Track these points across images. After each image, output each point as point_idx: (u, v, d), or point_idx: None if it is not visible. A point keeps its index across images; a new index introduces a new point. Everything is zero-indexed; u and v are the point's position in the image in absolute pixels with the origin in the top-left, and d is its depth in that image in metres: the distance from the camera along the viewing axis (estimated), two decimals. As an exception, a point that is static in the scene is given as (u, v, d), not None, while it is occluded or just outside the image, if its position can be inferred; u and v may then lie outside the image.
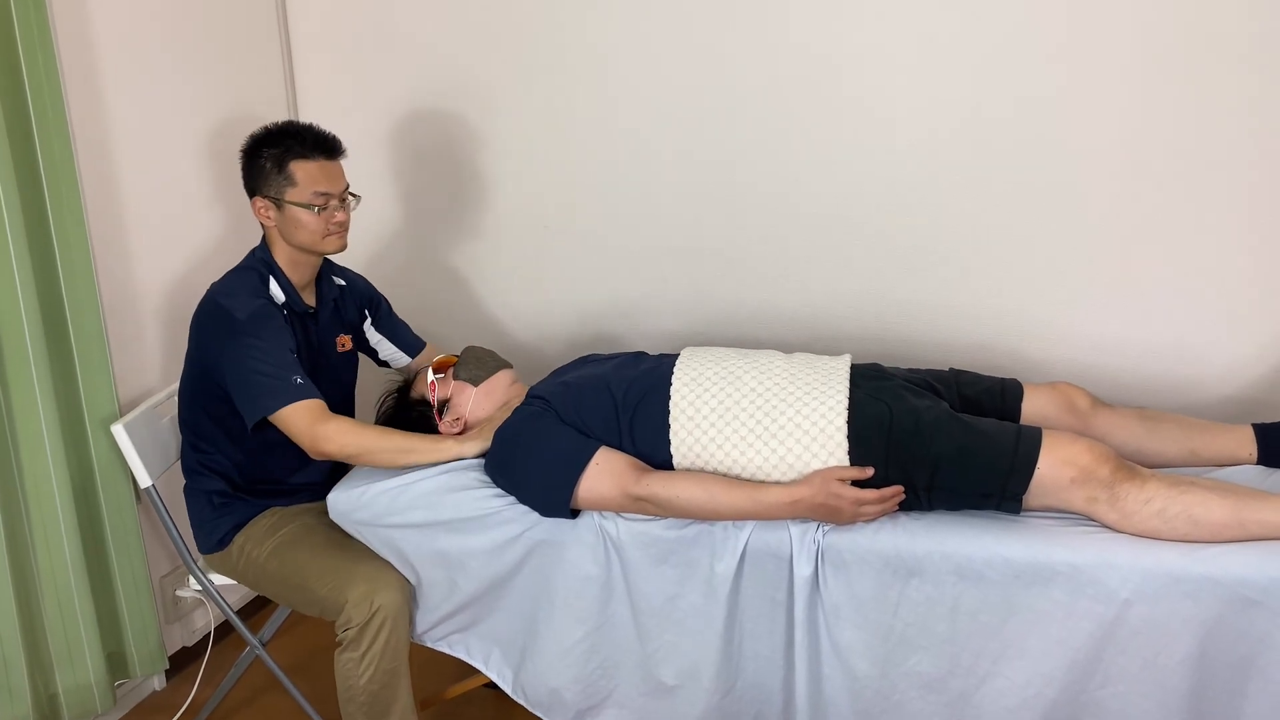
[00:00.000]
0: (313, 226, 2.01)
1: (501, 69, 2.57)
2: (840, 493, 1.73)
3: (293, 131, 2.02)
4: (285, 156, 1.99)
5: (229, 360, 1.93)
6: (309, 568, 1.97)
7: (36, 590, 2.05)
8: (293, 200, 1.99)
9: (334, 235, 2.04)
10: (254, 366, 1.91)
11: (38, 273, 1.98)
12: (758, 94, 2.40)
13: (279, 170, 1.99)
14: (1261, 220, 2.16)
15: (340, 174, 2.05)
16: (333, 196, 2.02)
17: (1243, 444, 1.92)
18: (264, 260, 2.06)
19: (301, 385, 1.91)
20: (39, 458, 2.00)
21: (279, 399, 1.90)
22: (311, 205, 1.99)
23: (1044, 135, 2.24)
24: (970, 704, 1.75)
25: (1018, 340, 2.37)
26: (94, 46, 2.16)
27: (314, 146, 2.01)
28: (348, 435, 1.91)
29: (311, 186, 1.99)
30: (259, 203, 2.03)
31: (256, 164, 2.02)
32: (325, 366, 2.14)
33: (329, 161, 2.03)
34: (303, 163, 1.99)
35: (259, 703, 2.39)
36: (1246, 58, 2.09)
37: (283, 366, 1.92)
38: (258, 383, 1.90)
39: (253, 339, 1.92)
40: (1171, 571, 1.62)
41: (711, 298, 2.57)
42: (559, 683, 1.93)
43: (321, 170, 2.01)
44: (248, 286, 2.01)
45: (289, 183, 1.99)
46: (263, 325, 1.94)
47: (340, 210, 2.04)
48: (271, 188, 2.00)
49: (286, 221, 2.01)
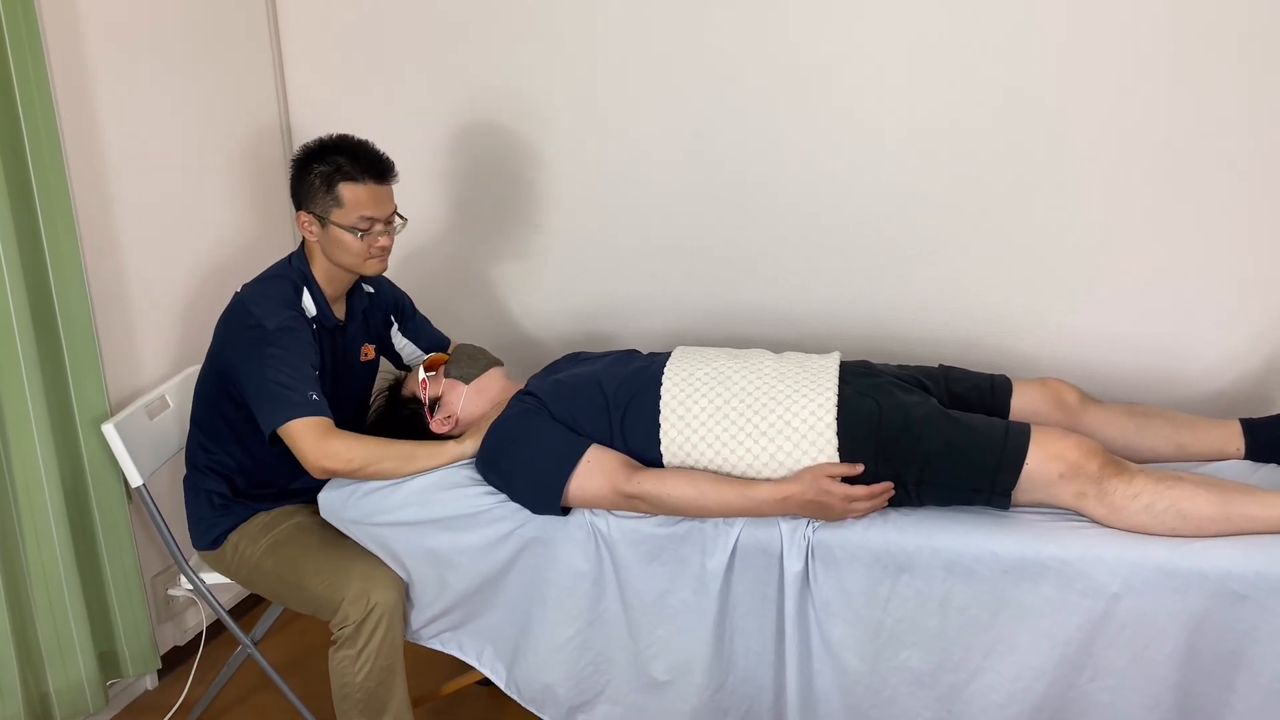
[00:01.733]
0: (355, 249, 1.98)
1: (493, 69, 2.56)
2: (830, 489, 1.74)
3: (345, 149, 1.97)
4: (335, 176, 1.95)
5: (250, 367, 1.91)
6: (304, 566, 1.97)
7: (28, 589, 2.04)
8: (337, 222, 1.96)
9: (375, 259, 2.01)
10: (273, 376, 1.88)
11: (27, 272, 1.97)
12: (749, 94, 2.40)
13: (327, 189, 1.96)
14: (1251, 217, 2.17)
15: (389, 198, 2.01)
16: (378, 221, 1.98)
17: (1230, 439, 1.92)
18: (301, 271, 2.04)
19: (316, 402, 1.88)
20: (29, 458, 2.00)
21: (291, 411, 1.86)
22: (356, 230, 1.96)
23: (1033, 133, 2.24)
24: (960, 698, 1.76)
25: (1007, 336, 2.38)
26: (83, 43, 2.15)
27: (366, 170, 1.96)
28: (354, 450, 1.88)
29: (358, 210, 1.96)
30: (304, 217, 2.00)
31: (306, 179, 1.98)
32: (347, 377, 2.14)
33: (379, 185, 1.98)
34: (352, 185, 1.95)
35: (251, 702, 2.39)
36: (1237, 54, 2.09)
37: (301, 380, 1.89)
38: (275, 393, 1.88)
39: (276, 349, 1.90)
40: (1160, 566, 1.63)
41: (702, 297, 2.58)
42: (552, 678, 1.93)
43: (370, 194, 1.96)
44: (280, 296, 1.99)
45: (335, 203, 1.96)
46: (288, 336, 1.92)
47: (385, 235, 2.00)
48: (318, 205, 1.97)
49: (329, 240, 1.99)
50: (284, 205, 2.72)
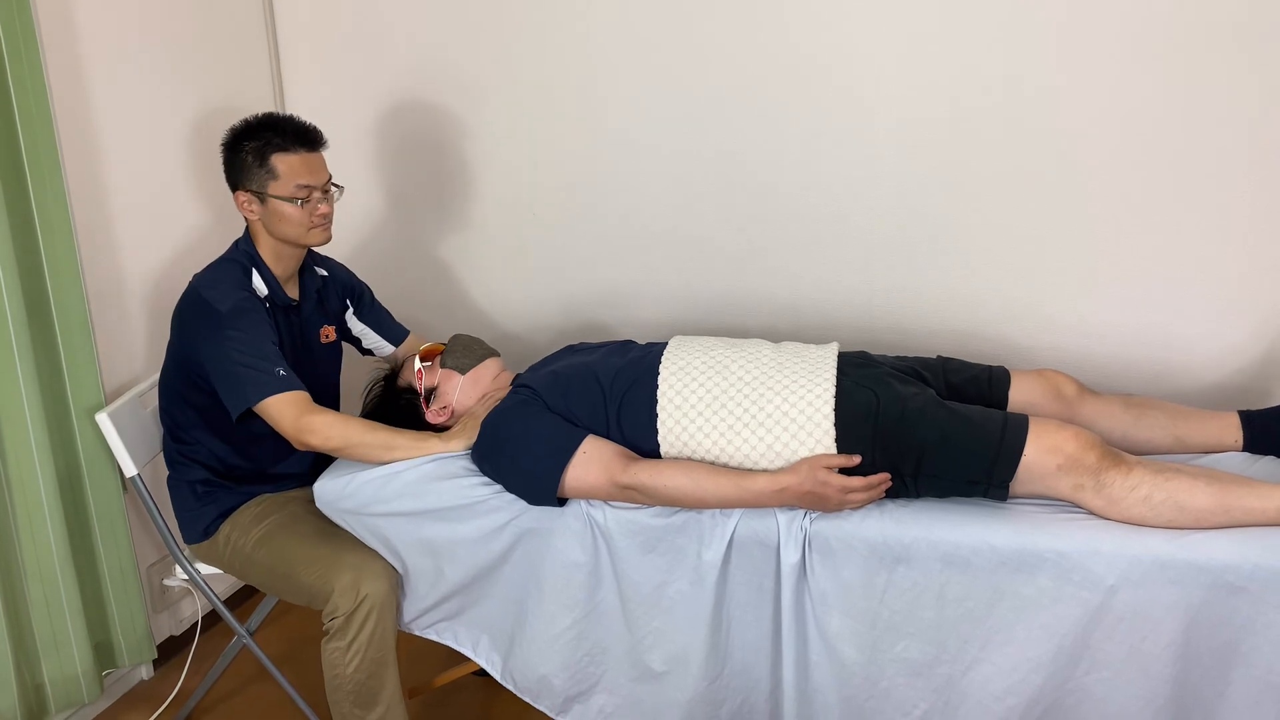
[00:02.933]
0: (296, 219, 1.99)
1: (488, 60, 2.55)
2: (827, 480, 1.73)
3: (272, 124, 1.99)
4: (266, 150, 1.97)
5: (211, 352, 1.92)
6: (295, 556, 1.97)
7: (22, 580, 2.04)
8: (275, 194, 1.98)
9: (318, 228, 2.02)
10: (236, 358, 1.90)
11: (22, 262, 1.96)
12: (746, 84, 2.39)
13: (260, 164, 1.97)
14: (1250, 208, 2.17)
15: (322, 165, 2.04)
16: (315, 189, 2.00)
17: (1228, 431, 1.92)
18: (247, 252, 2.05)
19: (285, 377, 1.91)
20: (23, 447, 1.99)
21: (262, 390, 1.89)
22: (294, 198, 1.98)
23: (1032, 124, 2.23)
24: (957, 690, 1.76)
25: (1005, 327, 2.37)
26: (78, 35, 2.13)
27: (295, 139, 1.99)
28: (333, 428, 1.90)
29: (294, 179, 1.98)
30: (241, 196, 2.01)
31: (238, 158, 2.00)
32: (309, 359, 2.14)
33: (310, 153, 2.01)
34: (284, 155, 1.97)
35: (247, 692, 2.39)
36: (1236, 47, 2.08)
37: (265, 358, 1.92)
38: (240, 374, 1.90)
39: (234, 330, 1.92)
40: (1157, 558, 1.62)
41: (699, 287, 2.57)
42: (547, 669, 1.93)
43: (303, 163, 1.99)
44: (230, 278, 2.00)
45: (271, 176, 1.97)
46: (244, 317, 1.94)
47: (324, 202, 2.02)
48: (253, 181, 1.99)
49: (270, 215, 2.00)
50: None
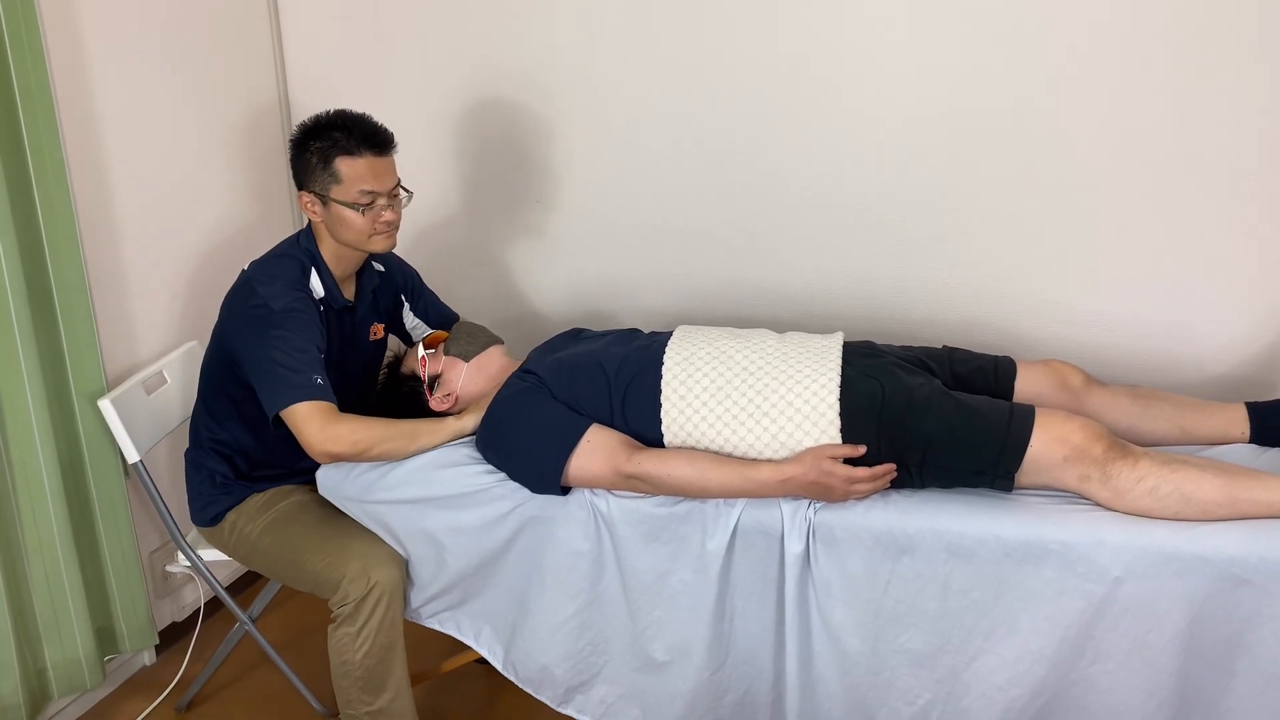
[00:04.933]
0: (359, 226, 1.94)
1: (494, 49, 2.53)
2: (832, 470, 1.73)
3: (341, 124, 1.93)
4: (331, 151, 1.91)
5: (253, 348, 1.88)
6: (303, 544, 1.96)
7: (25, 566, 2.04)
8: (338, 199, 1.92)
9: (381, 235, 1.96)
10: (277, 358, 1.85)
11: (23, 247, 1.95)
12: (752, 74, 2.37)
13: (324, 166, 1.91)
14: (1256, 199, 2.15)
15: (390, 170, 1.96)
16: (380, 195, 1.93)
17: (1235, 422, 1.91)
18: (308, 251, 2.00)
19: (320, 386, 1.85)
20: (26, 433, 1.99)
21: (295, 394, 1.83)
22: (357, 205, 1.92)
23: (1039, 116, 2.22)
24: (960, 681, 1.76)
25: (1011, 318, 2.36)
26: (79, 20, 2.12)
27: (361, 141, 1.91)
28: (359, 432, 1.85)
29: (358, 185, 1.91)
30: (305, 197, 1.96)
31: (304, 158, 1.94)
32: (356, 358, 2.11)
33: (377, 158, 1.93)
34: (349, 159, 1.91)
35: (249, 678, 2.39)
36: (1242, 37, 2.07)
37: (305, 363, 1.85)
38: (279, 375, 1.85)
39: (281, 330, 1.87)
40: (1163, 550, 1.62)
41: (705, 276, 2.56)
42: (549, 659, 1.93)
43: (369, 167, 1.92)
44: (287, 276, 1.95)
45: (334, 179, 1.91)
46: (294, 318, 1.89)
47: (389, 209, 1.95)
48: (317, 183, 1.93)
49: (333, 218, 1.95)
50: (283, 183, 2.71)
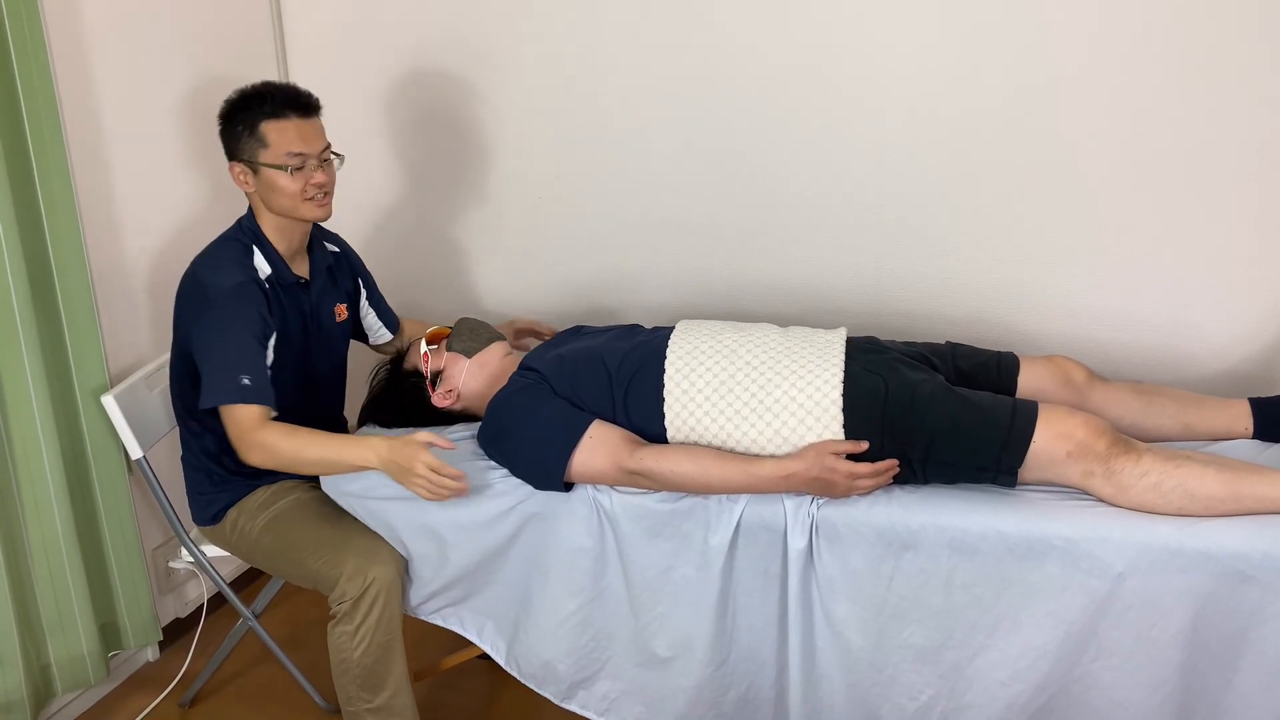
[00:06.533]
0: (290, 189, 1.92)
1: (497, 43, 2.53)
2: (835, 466, 1.73)
3: (266, 92, 1.92)
4: (257, 118, 1.91)
5: (196, 338, 1.90)
6: (303, 541, 1.96)
7: (28, 562, 2.04)
8: (267, 162, 1.91)
9: (313, 200, 1.94)
10: (217, 347, 1.86)
11: (26, 243, 1.95)
12: (757, 71, 2.37)
13: (251, 133, 1.91)
14: (1260, 195, 2.15)
15: (318, 133, 1.96)
16: (310, 157, 1.92)
17: (1239, 418, 1.91)
18: (250, 230, 1.99)
19: (247, 387, 1.84)
20: (29, 429, 1.99)
21: (224, 395, 1.84)
22: (285, 166, 1.90)
23: (1042, 112, 2.21)
24: (963, 676, 1.76)
25: (1014, 314, 2.36)
26: (82, 17, 2.12)
27: (286, 104, 1.91)
28: (280, 443, 1.84)
29: (285, 147, 1.90)
30: (236, 168, 1.95)
31: (233, 129, 1.94)
32: (320, 337, 2.10)
33: (304, 120, 1.93)
34: (275, 122, 1.90)
35: (252, 674, 2.39)
36: (1246, 33, 2.06)
37: (241, 358, 1.85)
38: (215, 368, 1.86)
39: (221, 318, 1.87)
40: (1166, 546, 1.62)
41: (707, 270, 2.56)
42: (552, 655, 1.93)
43: (296, 129, 1.91)
44: (231, 259, 1.94)
45: (261, 144, 1.91)
46: (236, 305, 1.88)
47: (319, 171, 1.94)
48: (246, 151, 1.92)
49: (264, 186, 1.93)
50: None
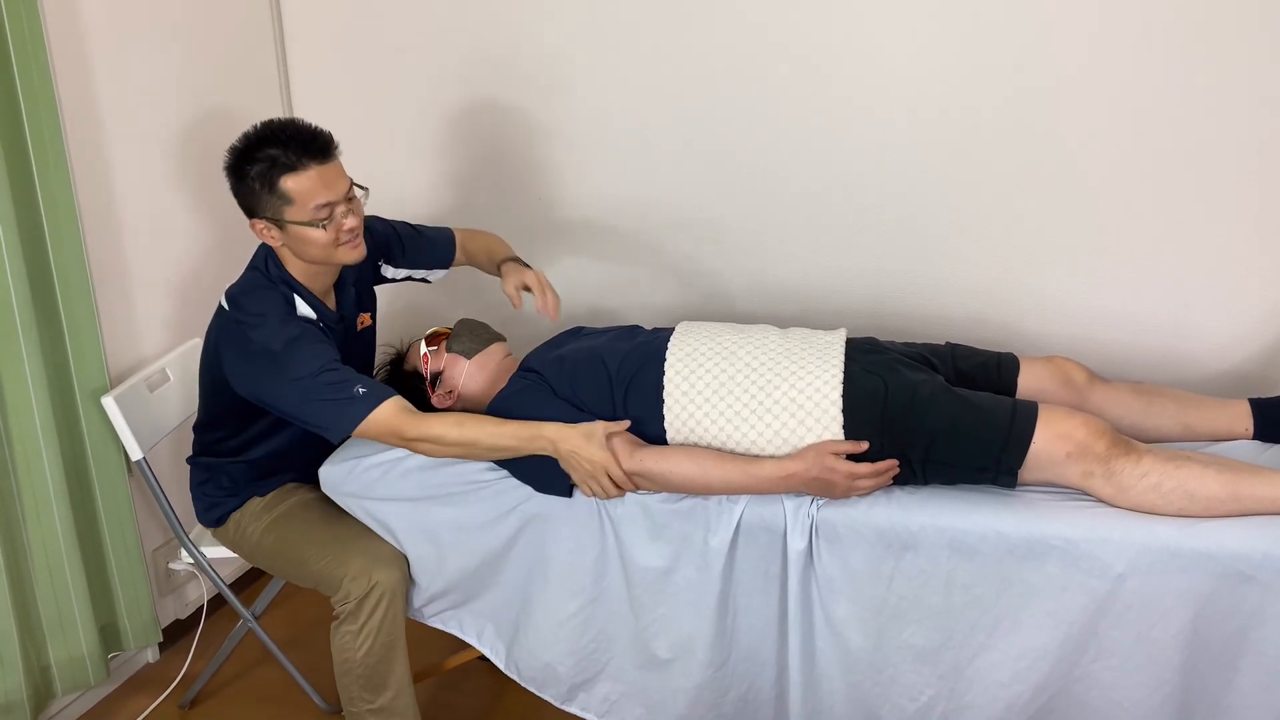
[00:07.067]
0: (323, 241, 1.82)
1: (494, 48, 2.53)
2: (834, 466, 1.73)
3: (274, 138, 1.79)
4: (273, 173, 1.78)
5: (279, 395, 1.80)
6: (306, 542, 1.96)
7: (28, 563, 2.04)
8: (294, 220, 1.79)
9: (347, 244, 1.84)
10: (312, 395, 1.77)
11: (26, 244, 1.95)
12: (755, 71, 2.37)
13: (271, 190, 1.78)
14: (1260, 196, 2.15)
15: (338, 175, 1.83)
16: (337, 204, 1.81)
17: (1239, 419, 1.91)
18: (282, 279, 1.89)
19: (363, 396, 1.77)
20: (29, 430, 1.99)
21: (350, 420, 1.77)
22: (316, 222, 1.80)
23: (1042, 113, 2.21)
24: (963, 677, 1.76)
25: (1014, 314, 2.36)
26: (81, 16, 2.12)
27: (302, 151, 1.78)
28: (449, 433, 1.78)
29: (311, 200, 1.78)
30: (259, 225, 1.84)
31: (245, 185, 1.81)
32: (353, 352, 2.05)
33: (323, 165, 1.80)
34: (295, 176, 1.77)
35: (252, 675, 2.39)
36: (1244, 37, 2.06)
37: (337, 382, 1.78)
38: (325, 408, 1.78)
39: (297, 366, 1.78)
40: (1166, 546, 1.62)
41: (707, 271, 2.56)
42: (552, 657, 1.93)
43: (319, 178, 1.79)
44: (275, 310, 1.85)
45: (285, 202, 1.79)
46: (301, 349, 1.80)
47: (349, 215, 1.83)
48: (268, 209, 1.80)
49: (293, 240, 1.83)
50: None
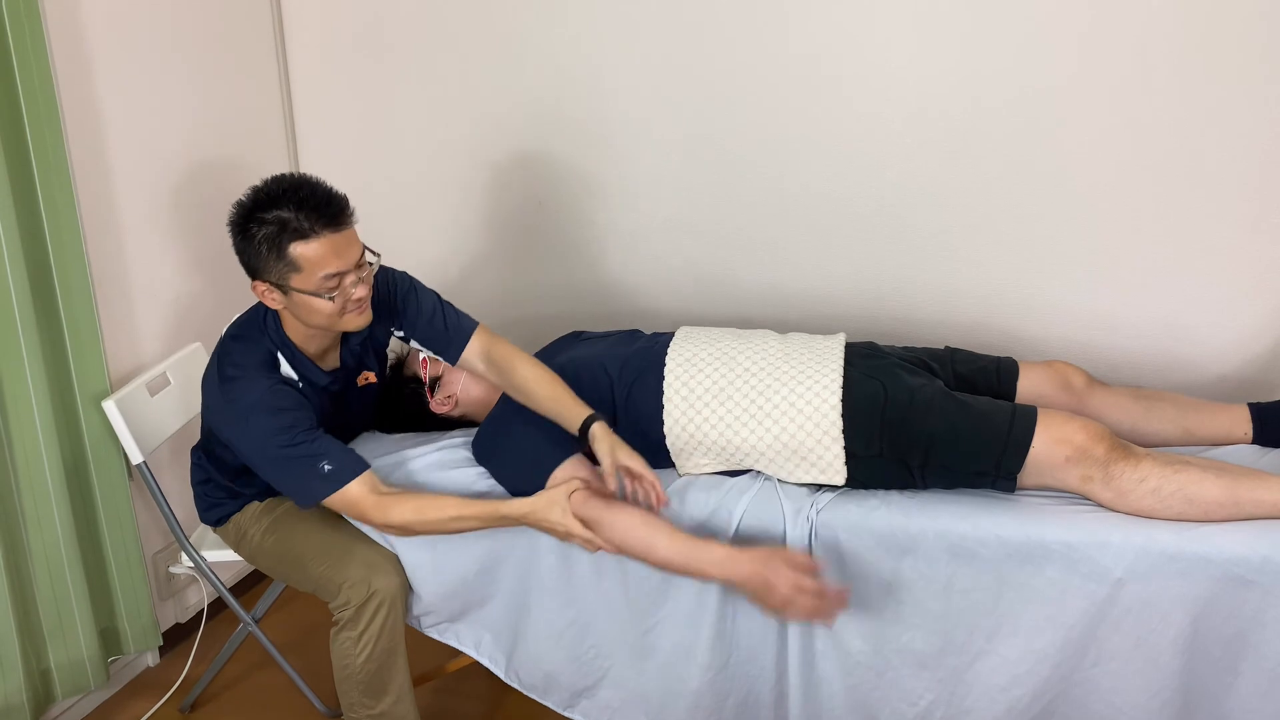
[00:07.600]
0: (328, 310, 1.72)
1: (493, 53, 2.53)
2: (782, 572, 1.63)
3: (286, 199, 1.68)
4: (282, 238, 1.66)
5: (245, 453, 1.78)
6: (306, 546, 1.96)
7: (29, 566, 2.04)
8: (300, 288, 1.69)
9: (353, 313, 1.75)
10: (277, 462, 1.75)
11: (27, 248, 1.96)
12: (756, 76, 2.37)
13: (279, 256, 1.67)
14: (1260, 200, 2.15)
15: (350, 242, 1.71)
16: (346, 273, 1.70)
17: (1238, 423, 1.91)
18: (275, 338, 1.82)
19: (331, 472, 1.73)
20: (29, 434, 1.99)
21: (311, 497, 1.77)
22: (322, 293, 1.70)
23: (1041, 115, 2.22)
24: (963, 681, 1.76)
25: (1013, 318, 2.36)
26: (83, 20, 2.12)
27: (315, 217, 1.67)
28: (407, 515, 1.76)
29: (320, 270, 1.68)
30: (260, 287, 1.73)
31: (250, 245, 1.70)
32: (345, 410, 2.00)
33: (336, 233, 1.69)
34: (305, 243, 1.66)
35: (252, 679, 2.39)
36: (1245, 39, 2.06)
37: (307, 457, 1.74)
38: (285, 480, 1.77)
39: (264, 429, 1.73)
40: (1165, 550, 1.62)
41: (707, 276, 2.56)
42: (553, 665, 1.93)
43: (330, 247, 1.67)
44: (254, 365, 1.78)
45: (292, 269, 1.68)
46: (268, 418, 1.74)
47: (358, 285, 1.72)
48: (272, 274, 1.70)
49: (297, 306, 1.73)
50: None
